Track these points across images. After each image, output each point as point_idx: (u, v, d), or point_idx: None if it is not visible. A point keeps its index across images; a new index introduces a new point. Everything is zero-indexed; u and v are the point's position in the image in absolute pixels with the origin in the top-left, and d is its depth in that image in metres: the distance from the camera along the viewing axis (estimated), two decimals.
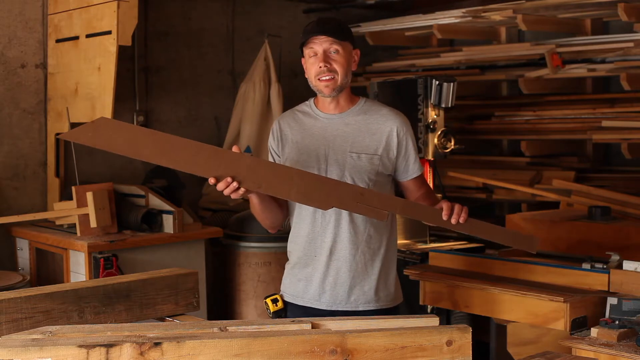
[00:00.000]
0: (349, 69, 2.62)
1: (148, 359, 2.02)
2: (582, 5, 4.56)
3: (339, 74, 2.59)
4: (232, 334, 2.14)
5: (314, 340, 2.16)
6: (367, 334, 2.18)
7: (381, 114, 2.68)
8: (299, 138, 2.68)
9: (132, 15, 4.00)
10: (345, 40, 2.60)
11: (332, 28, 2.58)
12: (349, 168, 2.62)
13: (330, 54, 2.58)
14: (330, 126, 2.67)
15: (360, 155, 2.62)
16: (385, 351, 2.17)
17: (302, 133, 2.68)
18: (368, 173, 2.62)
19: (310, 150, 2.65)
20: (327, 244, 2.63)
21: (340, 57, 2.58)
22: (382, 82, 4.29)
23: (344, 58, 2.59)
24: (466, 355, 2.21)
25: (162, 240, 4.14)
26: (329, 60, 2.58)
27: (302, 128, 2.69)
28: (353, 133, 2.65)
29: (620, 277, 2.94)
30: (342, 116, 2.67)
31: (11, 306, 2.30)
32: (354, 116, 2.67)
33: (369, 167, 2.62)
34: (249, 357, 2.09)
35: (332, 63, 2.58)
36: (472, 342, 2.21)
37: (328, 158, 2.63)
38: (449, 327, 2.23)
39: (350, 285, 2.65)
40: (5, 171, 4.37)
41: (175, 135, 2.30)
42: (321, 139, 2.65)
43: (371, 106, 2.71)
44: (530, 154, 4.97)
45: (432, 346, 2.19)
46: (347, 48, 2.61)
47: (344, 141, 2.64)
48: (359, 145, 2.63)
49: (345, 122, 2.66)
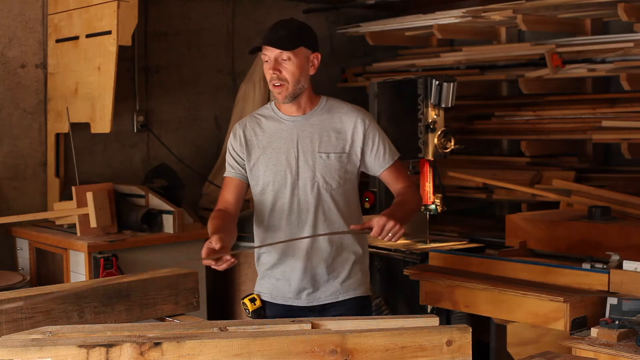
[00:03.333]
0: (302, 75, 2.60)
1: (148, 359, 2.02)
2: (582, 5, 4.56)
3: (290, 82, 2.58)
4: (232, 334, 2.14)
5: (314, 340, 2.15)
6: (367, 334, 2.18)
7: (343, 111, 2.69)
8: (265, 143, 2.68)
9: (132, 15, 4.00)
10: (298, 47, 2.58)
11: (282, 38, 2.56)
12: (320, 169, 2.64)
13: (281, 62, 2.57)
14: (296, 128, 2.67)
15: (329, 155, 2.64)
16: (385, 351, 2.17)
17: (269, 137, 2.68)
18: (338, 172, 2.65)
19: (279, 153, 2.66)
20: (305, 243, 2.66)
21: (291, 64, 2.57)
22: (382, 82, 4.28)
23: (296, 65, 2.57)
24: (466, 355, 2.21)
25: (162, 240, 4.14)
26: (279, 67, 2.57)
27: (268, 132, 2.69)
28: (319, 133, 2.66)
29: (620, 277, 2.94)
30: (306, 117, 2.68)
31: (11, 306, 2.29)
32: (318, 116, 2.68)
33: (338, 166, 2.65)
34: (249, 357, 2.09)
35: (282, 71, 2.57)
36: (472, 342, 2.21)
37: (298, 160, 2.65)
38: (449, 327, 2.23)
39: (328, 279, 2.69)
40: (5, 171, 4.37)
41: None
42: (289, 141, 2.66)
43: (333, 104, 2.72)
44: (530, 154, 4.97)
45: (432, 346, 2.19)
46: (300, 55, 2.59)
47: (312, 142, 2.65)
48: (326, 145, 2.65)
49: (310, 123, 2.67)
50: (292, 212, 2.66)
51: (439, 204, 4.12)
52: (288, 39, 2.57)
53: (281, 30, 2.59)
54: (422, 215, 4.22)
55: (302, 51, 2.60)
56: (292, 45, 2.56)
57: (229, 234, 2.55)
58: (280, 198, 2.67)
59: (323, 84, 5.85)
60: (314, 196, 2.65)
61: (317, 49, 2.67)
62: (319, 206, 2.66)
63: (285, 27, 2.61)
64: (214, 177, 5.11)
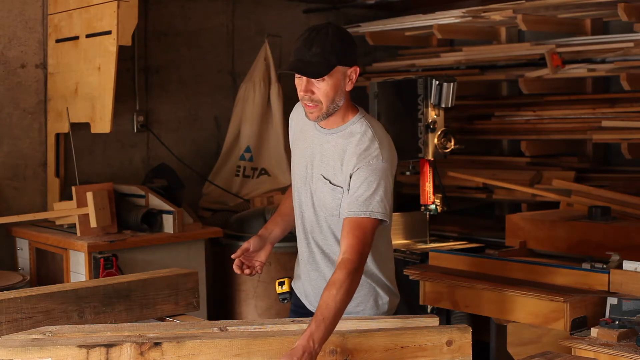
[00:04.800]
0: (337, 94, 2.34)
1: (148, 359, 2.02)
2: (582, 5, 4.56)
3: (324, 103, 2.34)
4: (232, 334, 2.14)
5: None
6: (367, 334, 2.18)
7: (359, 141, 2.37)
8: (296, 138, 2.59)
9: (132, 15, 4.00)
10: (333, 68, 2.30)
11: (314, 61, 2.28)
12: (319, 196, 2.44)
13: (314, 83, 2.32)
14: (318, 139, 2.46)
15: (326, 182, 2.41)
16: (385, 351, 2.17)
17: (301, 134, 2.56)
18: (333, 205, 2.40)
19: (300, 157, 2.53)
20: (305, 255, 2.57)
21: (325, 85, 2.31)
22: (382, 82, 4.28)
23: (330, 86, 2.31)
24: (466, 355, 2.21)
25: (162, 240, 4.14)
26: (311, 88, 2.33)
27: (303, 129, 2.55)
28: (331, 156, 2.41)
29: (620, 277, 2.94)
30: (330, 132, 2.43)
31: (11, 306, 2.30)
32: (337, 138, 2.41)
33: (330, 198, 2.40)
34: (249, 357, 2.10)
35: (315, 92, 2.32)
36: (472, 342, 2.21)
37: (310, 172, 2.47)
38: (449, 327, 2.23)
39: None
40: (5, 171, 4.37)
41: None
42: (309, 149, 2.49)
43: (357, 129, 2.40)
44: (530, 154, 4.97)
45: (432, 346, 2.20)
46: (336, 74, 2.32)
47: (321, 161, 2.44)
48: (330, 172, 2.41)
49: (327, 140, 2.43)
50: (299, 219, 2.55)
51: (439, 204, 4.11)
52: (322, 61, 2.28)
53: (315, 47, 2.28)
54: (422, 215, 4.22)
55: (338, 69, 2.32)
56: (326, 70, 2.29)
57: (283, 223, 2.60)
58: (295, 198, 2.56)
59: None
60: (314, 213, 2.48)
61: (355, 62, 2.37)
62: (317, 226, 2.49)
63: (319, 42, 2.29)
64: (214, 177, 5.11)
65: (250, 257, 2.56)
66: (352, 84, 2.38)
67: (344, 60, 2.32)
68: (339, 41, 2.32)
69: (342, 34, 2.36)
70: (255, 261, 2.57)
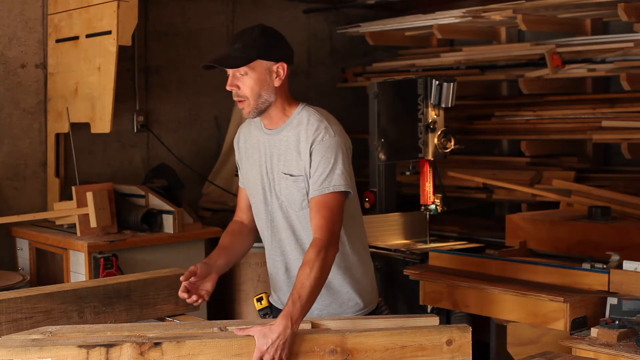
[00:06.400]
0: (263, 89, 2.39)
1: (148, 359, 2.02)
2: (582, 5, 4.56)
3: (249, 97, 2.40)
4: (232, 334, 2.14)
5: (314, 340, 2.16)
6: (366, 334, 2.18)
7: (304, 126, 2.43)
8: (250, 153, 2.58)
9: (132, 15, 4.00)
10: (252, 61, 2.37)
11: (234, 54, 2.37)
12: (283, 190, 2.46)
13: (238, 77, 2.39)
14: (269, 142, 2.50)
15: (289, 176, 2.44)
16: (385, 351, 2.17)
17: (251, 148, 2.57)
18: (298, 196, 2.43)
19: (254, 167, 2.55)
20: (281, 264, 2.56)
21: (249, 79, 2.38)
22: (382, 82, 4.28)
23: (254, 80, 2.38)
24: (466, 354, 2.21)
25: (162, 240, 4.14)
26: (236, 83, 2.40)
27: (250, 142, 2.58)
28: (285, 151, 2.45)
29: (620, 277, 2.94)
30: (277, 131, 2.48)
31: (11, 306, 2.30)
32: (287, 131, 2.46)
33: (295, 190, 2.43)
34: (249, 357, 2.10)
35: (240, 86, 2.39)
36: (472, 341, 2.21)
37: (269, 177, 2.50)
38: (449, 327, 2.23)
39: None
40: (5, 171, 4.37)
41: None
42: (263, 156, 2.52)
43: (303, 117, 2.45)
44: (530, 154, 4.96)
45: (432, 345, 2.20)
46: (258, 68, 2.38)
47: (278, 160, 2.47)
48: (289, 166, 2.44)
49: (279, 139, 2.47)
50: (269, 230, 2.56)
51: (439, 204, 4.12)
52: (240, 53, 2.37)
53: (238, 42, 2.39)
54: (422, 215, 4.22)
55: (260, 64, 2.38)
56: (242, 62, 2.37)
57: (225, 255, 2.56)
58: (260, 214, 2.58)
59: (323, 84, 5.87)
60: (283, 216, 2.50)
61: (281, 58, 2.41)
62: (289, 227, 2.50)
63: (243, 39, 2.40)
64: (214, 177, 5.11)
65: (197, 285, 2.48)
66: (280, 80, 2.42)
67: (266, 55, 2.39)
68: (261, 37, 2.40)
69: (267, 31, 2.44)
70: (202, 290, 2.49)
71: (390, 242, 4.16)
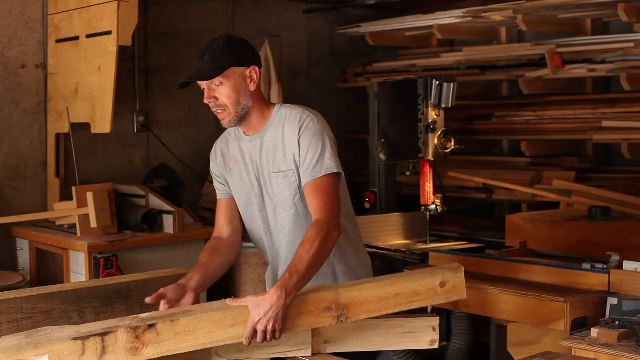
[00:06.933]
0: (241, 95, 2.42)
1: (144, 340, 2.00)
2: (582, 5, 4.56)
3: (229, 106, 2.42)
4: (225, 305, 2.13)
5: (308, 300, 2.15)
6: (359, 287, 2.18)
7: (288, 120, 2.47)
8: (232, 164, 2.59)
9: (132, 15, 4.00)
10: (225, 69, 2.39)
11: (205, 66, 2.39)
12: (277, 193, 2.49)
13: (214, 88, 2.42)
14: (254, 147, 2.53)
15: (278, 174, 2.47)
16: (380, 301, 2.17)
17: (234, 158, 2.59)
18: (287, 192, 2.47)
19: (243, 175, 2.56)
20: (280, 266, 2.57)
21: (225, 88, 2.41)
22: (382, 82, 4.28)
23: (230, 88, 2.41)
24: (460, 293, 2.21)
25: (162, 240, 4.14)
26: (213, 94, 2.42)
27: (232, 153, 2.59)
28: (272, 150, 2.49)
29: (620, 277, 2.94)
30: (260, 135, 2.51)
31: (11, 306, 2.30)
32: (270, 131, 2.49)
33: (285, 185, 2.46)
34: (244, 325, 2.09)
35: (218, 97, 2.42)
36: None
37: (260, 181, 2.53)
38: (441, 269, 2.25)
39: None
40: (5, 171, 4.37)
41: None
42: (249, 162, 2.54)
43: (283, 114, 2.49)
44: (530, 154, 4.97)
45: (425, 289, 2.20)
46: (232, 75, 2.41)
47: (267, 161, 2.50)
48: (278, 163, 2.47)
49: (264, 140, 2.51)
50: (267, 235, 2.57)
51: (439, 204, 4.12)
52: (212, 64, 2.39)
53: (206, 55, 2.41)
54: (422, 215, 4.22)
55: (234, 71, 2.41)
56: (216, 72, 2.39)
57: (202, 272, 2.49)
58: (255, 222, 2.58)
59: (323, 84, 5.87)
60: (281, 218, 2.51)
61: (251, 62, 2.45)
62: (290, 228, 2.51)
63: (210, 51, 2.41)
64: None
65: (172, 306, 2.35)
66: (254, 83, 2.46)
67: (236, 62, 2.42)
68: (228, 46, 2.42)
69: (232, 39, 2.47)
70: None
71: (390, 242, 4.16)
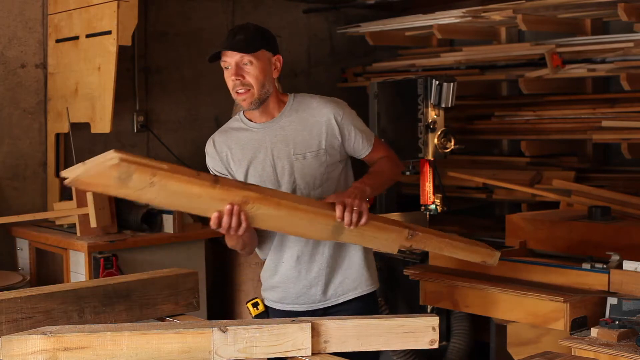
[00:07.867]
0: (266, 78, 2.49)
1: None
2: (582, 5, 4.56)
3: (254, 86, 2.47)
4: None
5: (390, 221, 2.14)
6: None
7: (313, 106, 2.58)
8: (240, 156, 2.61)
9: (132, 15, 4.00)
10: (258, 50, 2.47)
11: (241, 42, 2.45)
12: (298, 172, 2.55)
13: (243, 67, 2.46)
14: (268, 135, 2.57)
15: (305, 155, 2.55)
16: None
17: (242, 149, 2.60)
18: (318, 170, 2.56)
19: (256, 164, 2.58)
20: (298, 250, 2.61)
21: (254, 68, 2.46)
22: (382, 82, 4.29)
23: (259, 69, 2.46)
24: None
25: (162, 240, 4.14)
26: (241, 73, 2.46)
27: (240, 144, 2.61)
28: (292, 134, 2.56)
29: (620, 277, 2.94)
30: (276, 121, 2.57)
31: (11, 306, 2.29)
32: (288, 117, 2.57)
33: (316, 165, 2.55)
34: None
35: (245, 76, 2.46)
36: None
37: (275, 167, 2.56)
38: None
39: (325, 283, 2.64)
40: (5, 171, 4.37)
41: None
42: (263, 150, 2.57)
43: (301, 101, 2.60)
44: (530, 154, 4.96)
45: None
46: (262, 57, 2.48)
47: (286, 145, 2.55)
48: (301, 146, 2.55)
49: (280, 126, 2.57)
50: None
51: (439, 204, 4.12)
52: (247, 42, 2.45)
53: (239, 35, 2.47)
54: (422, 215, 4.22)
55: (264, 54, 2.49)
56: (252, 48, 2.45)
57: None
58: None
59: (323, 84, 5.86)
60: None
61: (277, 51, 2.56)
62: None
63: (243, 31, 2.49)
64: None
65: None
66: (277, 71, 2.55)
67: (267, 46, 2.51)
68: (260, 30, 2.54)
69: (262, 28, 2.57)
70: None
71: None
